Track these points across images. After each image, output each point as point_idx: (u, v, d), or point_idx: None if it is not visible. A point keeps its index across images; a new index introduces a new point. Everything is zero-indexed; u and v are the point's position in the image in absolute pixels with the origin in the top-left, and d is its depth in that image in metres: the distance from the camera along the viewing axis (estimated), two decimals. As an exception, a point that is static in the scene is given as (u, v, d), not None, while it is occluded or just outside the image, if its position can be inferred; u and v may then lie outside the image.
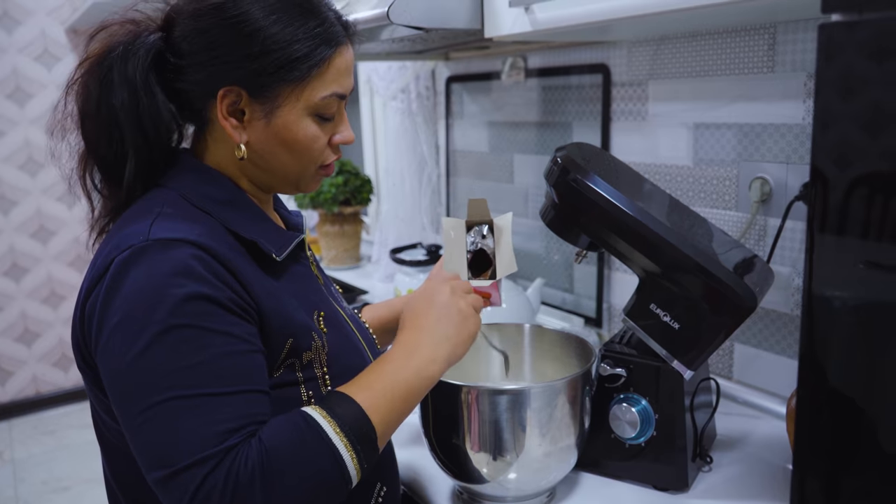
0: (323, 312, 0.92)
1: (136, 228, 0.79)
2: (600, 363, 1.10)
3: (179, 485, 0.70)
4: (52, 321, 3.72)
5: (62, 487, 2.98)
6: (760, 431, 1.26)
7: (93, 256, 0.85)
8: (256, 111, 0.85)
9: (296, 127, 0.86)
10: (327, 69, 0.86)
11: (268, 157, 0.88)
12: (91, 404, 0.90)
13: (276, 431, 0.75)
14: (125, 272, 0.76)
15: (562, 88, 1.78)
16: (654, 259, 1.03)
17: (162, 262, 0.75)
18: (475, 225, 1.04)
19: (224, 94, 0.84)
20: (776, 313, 1.34)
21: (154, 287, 0.74)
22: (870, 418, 0.64)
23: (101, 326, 0.76)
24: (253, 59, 0.82)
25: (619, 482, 1.12)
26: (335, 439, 0.76)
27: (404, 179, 2.35)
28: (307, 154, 0.89)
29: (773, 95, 1.29)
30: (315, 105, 0.86)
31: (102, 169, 0.89)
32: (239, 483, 0.71)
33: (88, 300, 0.79)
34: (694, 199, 1.46)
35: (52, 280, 3.70)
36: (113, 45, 0.86)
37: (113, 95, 0.84)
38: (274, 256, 0.87)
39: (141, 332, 0.73)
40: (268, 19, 0.82)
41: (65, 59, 3.57)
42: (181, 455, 0.71)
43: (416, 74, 2.25)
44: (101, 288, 0.77)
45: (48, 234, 3.66)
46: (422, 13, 1.32)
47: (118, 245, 0.78)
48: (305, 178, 0.92)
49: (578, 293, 1.80)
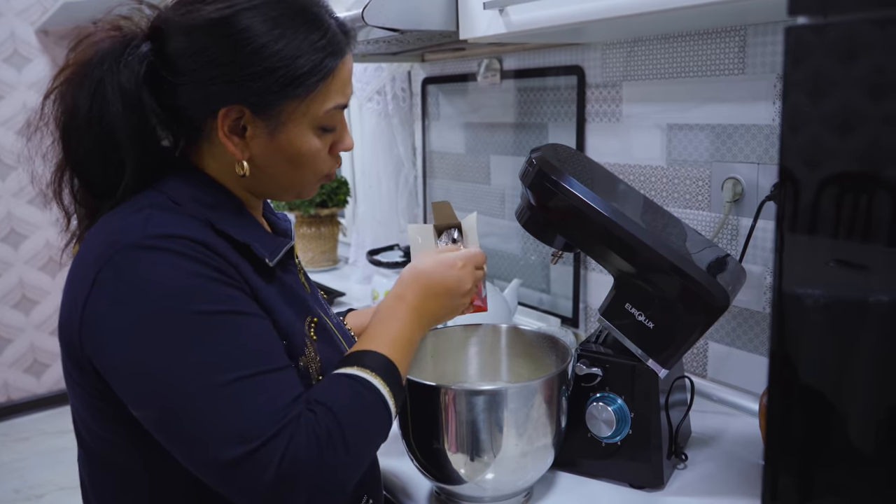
0: (315, 320, 0.91)
1: (130, 224, 0.78)
2: (576, 363, 1.10)
3: (260, 459, 0.72)
4: (24, 326, 3.67)
5: (35, 495, 2.93)
6: (734, 428, 1.28)
7: (75, 259, 0.82)
8: (259, 128, 0.83)
9: (299, 141, 0.85)
10: (332, 81, 0.84)
11: (270, 172, 0.87)
12: (73, 409, 0.88)
13: (332, 394, 0.80)
14: (132, 269, 0.75)
15: (537, 90, 1.79)
16: (628, 259, 1.03)
17: (170, 255, 0.75)
18: (444, 229, 1.04)
19: (226, 112, 0.81)
20: (749, 312, 1.35)
21: (172, 278, 0.74)
22: (840, 414, 0.65)
23: (117, 328, 0.74)
24: (257, 77, 0.79)
25: (595, 481, 1.13)
26: (380, 387, 0.83)
27: (381, 181, 2.34)
28: (310, 167, 0.88)
29: (744, 97, 1.30)
30: (320, 118, 0.85)
31: (86, 181, 0.86)
32: (321, 443, 0.75)
33: (88, 304, 0.76)
34: (668, 199, 1.48)
35: (23, 284, 3.64)
36: (100, 54, 0.82)
37: (107, 109, 0.81)
38: (266, 261, 0.86)
39: (169, 323, 0.73)
40: (271, 34, 0.79)
41: (35, 60, 3.52)
42: (256, 430, 0.73)
43: (391, 76, 2.25)
44: (105, 290, 0.75)
45: (19, 237, 3.60)
46: (397, 15, 1.32)
47: (113, 242, 0.76)
48: (306, 188, 0.92)
49: (555, 293, 1.81)
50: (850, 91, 0.56)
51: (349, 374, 0.83)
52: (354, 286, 2.32)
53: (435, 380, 1.00)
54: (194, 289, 0.75)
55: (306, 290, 0.97)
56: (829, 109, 0.58)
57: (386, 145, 2.32)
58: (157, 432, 0.77)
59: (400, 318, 0.91)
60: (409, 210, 2.36)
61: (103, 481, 0.88)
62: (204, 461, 0.74)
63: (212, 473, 0.75)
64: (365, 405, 0.81)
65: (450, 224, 1.04)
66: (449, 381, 1.20)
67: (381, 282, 1.94)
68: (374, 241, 2.35)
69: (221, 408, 0.73)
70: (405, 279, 0.95)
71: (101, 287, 0.76)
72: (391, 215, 2.35)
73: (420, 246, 1.03)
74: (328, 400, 0.79)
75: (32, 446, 3.36)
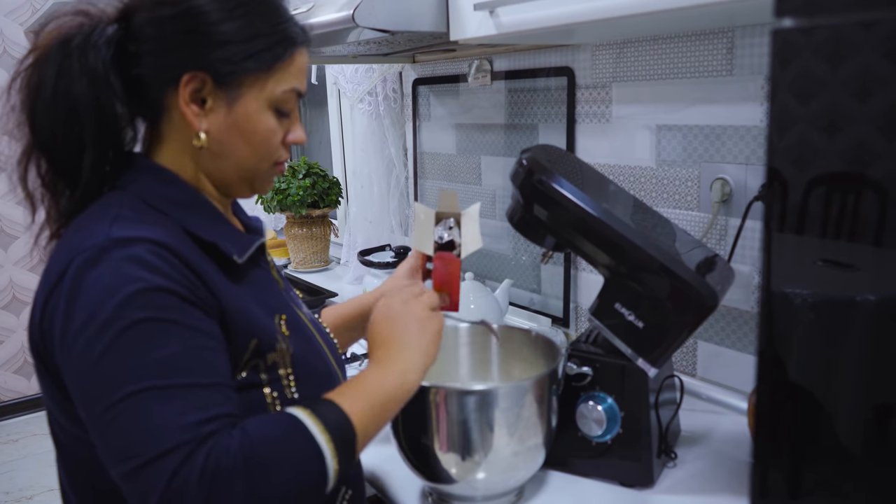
0: (284, 316, 0.91)
1: (95, 229, 0.78)
2: (567, 362, 1.11)
3: (151, 475, 0.68)
4: (14, 327, 3.65)
5: (24, 497, 2.92)
6: (723, 427, 1.29)
7: (48, 260, 0.83)
8: (219, 99, 0.85)
9: (256, 118, 0.87)
10: (290, 64, 0.87)
11: (225, 148, 0.87)
12: (48, 409, 0.88)
13: (260, 424, 0.75)
14: (85, 273, 0.75)
15: (528, 91, 1.79)
16: (618, 259, 1.04)
17: (123, 261, 0.74)
18: (443, 217, 1.05)
19: (189, 79, 0.83)
20: (737, 311, 1.36)
21: (116, 284, 0.73)
22: (827, 412, 0.66)
23: (66, 329, 0.75)
24: (220, 45, 0.83)
25: (586, 480, 1.13)
26: (320, 438, 0.76)
27: (372, 182, 2.34)
28: (264, 147, 0.89)
29: (732, 98, 1.31)
30: (276, 98, 0.87)
31: (53, 163, 0.86)
32: (219, 472, 0.69)
33: (48, 304, 0.78)
34: (657, 199, 1.48)
35: (13, 286, 3.62)
36: (67, 35, 0.84)
37: (73, 86, 0.82)
38: (235, 258, 0.86)
39: (105, 329, 0.72)
40: (236, 10, 0.84)
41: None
42: (153, 444, 0.69)
43: (382, 77, 2.25)
44: (61, 290, 0.76)
45: (8, 238, 3.58)
46: (387, 16, 1.32)
47: (76, 246, 0.77)
48: (260, 175, 0.92)
49: (546, 293, 1.81)
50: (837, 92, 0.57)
51: (294, 414, 0.78)
52: (346, 286, 2.31)
53: (426, 380, 1.00)
54: (130, 296, 0.73)
55: (279, 286, 0.98)
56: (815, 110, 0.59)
57: (377, 146, 2.32)
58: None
59: (367, 373, 0.87)
60: (400, 210, 2.36)
61: (79, 480, 0.87)
62: (112, 471, 0.73)
63: (120, 485, 0.73)
64: (294, 448, 0.75)
65: (450, 212, 1.05)
66: (440, 381, 1.20)
67: (373, 282, 1.94)
68: (366, 241, 2.35)
69: (122, 420, 0.70)
70: (368, 338, 0.95)
71: (59, 289, 0.77)
72: (383, 216, 2.35)
73: (422, 222, 1.04)
74: (255, 429, 0.74)
75: (22, 448, 3.34)
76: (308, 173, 2.46)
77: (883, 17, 0.52)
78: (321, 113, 3.09)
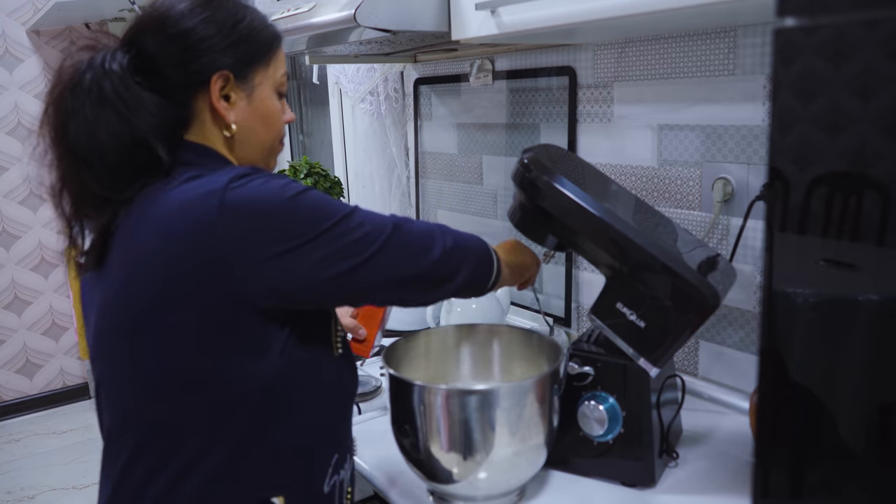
0: None
1: (214, 178, 0.86)
2: (568, 362, 1.11)
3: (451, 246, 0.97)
4: (16, 327, 3.65)
5: (27, 497, 2.92)
6: (725, 427, 1.29)
7: (152, 218, 0.87)
8: (240, 91, 0.96)
9: (269, 102, 0.99)
10: (280, 51, 1.01)
11: (250, 133, 0.98)
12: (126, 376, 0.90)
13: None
14: (255, 183, 0.86)
15: (529, 91, 1.79)
16: (620, 259, 1.04)
17: (265, 177, 0.88)
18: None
19: (216, 79, 0.93)
20: (739, 311, 1.36)
21: (275, 184, 0.87)
22: (829, 412, 0.65)
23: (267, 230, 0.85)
24: (238, 45, 0.94)
25: (587, 479, 1.13)
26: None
27: (374, 181, 2.34)
28: (276, 126, 1.01)
29: (733, 97, 1.31)
30: (278, 81, 1.00)
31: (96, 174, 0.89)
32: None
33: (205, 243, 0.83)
34: (659, 199, 1.48)
35: (15, 285, 3.62)
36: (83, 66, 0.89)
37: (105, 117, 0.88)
38: None
39: (296, 194, 0.87)
40: (243, 11, 0.96)
41: (27, 60, 3.51)
42: (433, 242, 0.96)
43: (384, 77, 2.25)
44: (225, 217, 0.83)
45: (11, 238, 3.59)
46: (389, 15, 1.32)
47: (212, 189, 0.85)
48: (274, 152, 1.04)
49: (547, 293, 1.81)
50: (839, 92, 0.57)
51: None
52: (347, 286, 2.31)
53: (428, 379, 1.01)
54: (290, 181, 0.88)
55: None
56: (818, 110, 0.59)
57: (379, 146, 2.32)
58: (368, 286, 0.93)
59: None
60: (401, 210, 2.36)
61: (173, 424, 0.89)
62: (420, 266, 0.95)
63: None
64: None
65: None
66: (442, 381, 1.20)
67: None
68: (367, 241, 2.34)
69: (394, 250, 0.97)
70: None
71: (222, 221, 0.84)
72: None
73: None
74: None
75: (24, 448, 3.34)
76: (310, 173, 2.46)
77: (885, 16, 0.52)
78: (323, 113, 3.08)
